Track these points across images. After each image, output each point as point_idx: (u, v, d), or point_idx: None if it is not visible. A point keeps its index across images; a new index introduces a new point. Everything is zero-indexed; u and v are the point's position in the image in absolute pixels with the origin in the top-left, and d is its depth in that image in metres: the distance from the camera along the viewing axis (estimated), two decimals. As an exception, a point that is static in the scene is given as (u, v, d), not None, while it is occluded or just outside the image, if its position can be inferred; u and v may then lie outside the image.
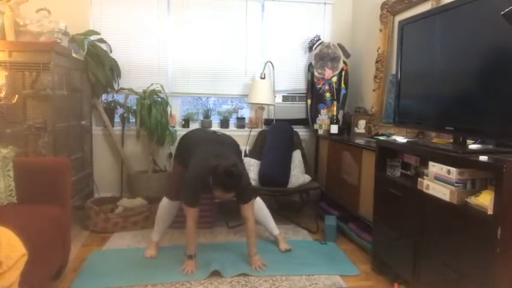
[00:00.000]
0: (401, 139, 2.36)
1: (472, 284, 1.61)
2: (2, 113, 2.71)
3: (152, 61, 3.78)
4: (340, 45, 3.73)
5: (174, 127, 3.77)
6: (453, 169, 1.71)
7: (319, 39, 3.82)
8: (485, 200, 1.57)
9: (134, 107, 3.52)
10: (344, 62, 3.73)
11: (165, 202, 2.68)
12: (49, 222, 2.04)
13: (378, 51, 3.37)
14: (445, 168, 1.76)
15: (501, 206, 1.48)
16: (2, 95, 2.68)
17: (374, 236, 2.47)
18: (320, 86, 3.75)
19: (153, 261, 2.56)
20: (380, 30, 3.37)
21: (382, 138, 2.62)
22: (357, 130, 3.50)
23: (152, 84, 3.61)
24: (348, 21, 4.08)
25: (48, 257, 1.98)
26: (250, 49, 3.92)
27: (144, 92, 3.51)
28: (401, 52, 2.39)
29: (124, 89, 3.63)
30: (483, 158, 1.61)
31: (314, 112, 3.80)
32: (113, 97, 3.75)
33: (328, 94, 3.73)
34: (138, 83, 3.67)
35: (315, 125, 3.77)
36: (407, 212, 2.09)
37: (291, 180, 3.35)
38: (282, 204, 3.86)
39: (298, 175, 3.41)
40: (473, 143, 1.99)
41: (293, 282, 2.32)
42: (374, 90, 3.41)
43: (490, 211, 1.53)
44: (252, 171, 3.43)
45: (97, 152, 3.76)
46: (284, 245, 2.77)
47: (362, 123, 3.48)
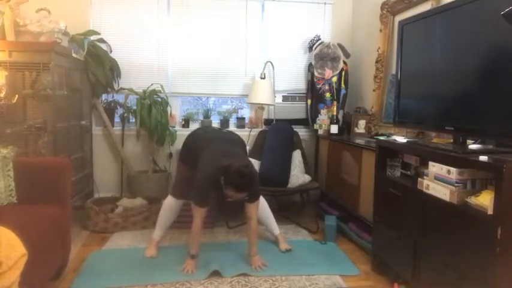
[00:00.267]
0: (401, 139, 2.36)
1: (472, 284, 1.61)
2: (2, 113, 2.71)
3: (152, 61, 3.78)
4: (340, 45, 3.73)
5: (174, 127, 3.77)
6: (453, 169, 1.71)
7: (319, 39, 3.82)
8: (485, 200, 1.57)
9: (134, 107, 3.52)
10: (344, 62, 3.73)
11: (170, 200, 2.67)
12: (49, 222, 2.04)
13: (378, 51, 3.37)
14: (445, 168, 1.76)
15: (501, 206, 1.48)
16: (2, 95, 2.68)
17: (374, 236, 2.47)
18: (320, 86, 3.75)
19: (153, 261, 2.56)
20: (380, 30, 3.37)
21: (382, 138, 2.62)
22: (357, 130, 3.50)
23: (152, 84, 3.61)
24: (348, 21, 4.08)
25: (48, 257, 1.98)
26: (250, 49, 3.92)
27: (144, 92, 3.51)
28: (401, 52, 2.39)
29: (124, 89, 3.63)
30: (483, 158, 1.61)
31: (314, 112, 3.80)
32: (113, 97, 3.75)
33: (328, 94, 3.73)
34: (138, 83, 3.67)
35: (315, 125, 3.77)
36: (407, 212, 2.09)
37: (291, 180, 3.35)
38: (282, 204, 3.86)
39: (298, 175, 3.41)
40: (473, 143, 1.99)
41: (293, 282, 2.32)
42: (374, 90, 3.41)
43: (490, 211, 1.53)
44: (252, 171, 3.43)
45: (97, 152, 3.76)
46: (284, 245, 2.77)
47: (362, 123, 3.48)
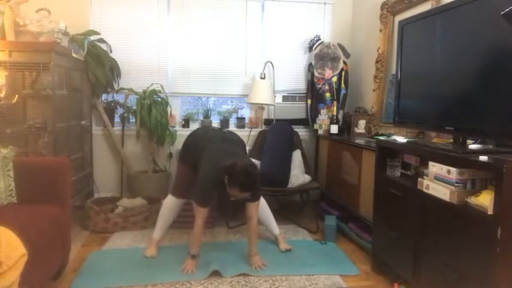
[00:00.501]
0: (401, 139, 2.36)
1: (472, 284, 1.61)
2: (2, 113, 2.71)
3: (152, 61, 3.78)
4: (340, 45, 3.73)
5: (174, 127, 3.77)
6: (453, 169, 1.71)
7: (319, 39, 3.82)
8: (485, 200, 1.57)
9: (134, 107, 3.52)
10: (344, 62, 3.73)
11: (170, 200, 2.67)
12: (49, 222, 2.04)
13: (378, 51, 3.37)
14: (445, 168, 1.76)
15: (501, 206, 1.48)
16: (2, 95, 2.68)
17: (374, 236, 2.47)
18: (320, 86, 3.75)
19: (153, 261, 2.56)
20: (380, 30, 3.37)
21: (382, 138, 2.62)
22: (357, 130, 3.50)
23: (152, 84, 3.61)
24: (348, 21, 4.08)
25: (48, 257, 1.98)
26: (250, 49, 3.92)
27: (144, 92, 3.51)
28: (401, 52, 2.39)
29: (124, 89, 3.63)
30: (483, 158, 1.61)
31: (314, 112, 3.80)
32: (113, 97, 3.75)
33: (328, 94, 3.73)
34: (138, 83, 3.67)
35: (315, 125, 3.77)
36: (407, 212, 2.09)
37: (291, 180, 3.35)
38: (282, 204, 3.86)
39: (298, 175, 3.41)
40: (473, 143, 1.99)
41: (293, 282, 2.32)
42: (374, 90, 3.41)
43: (490, 211, 1.53)
44: (252, 171, 3.43)
45: (97, 152, 3.76)
46: (284, 245, 2.77)
47: (362, 123, 3.48)
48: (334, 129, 3.56)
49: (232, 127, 3.97)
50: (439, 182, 1.81)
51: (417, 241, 1.99)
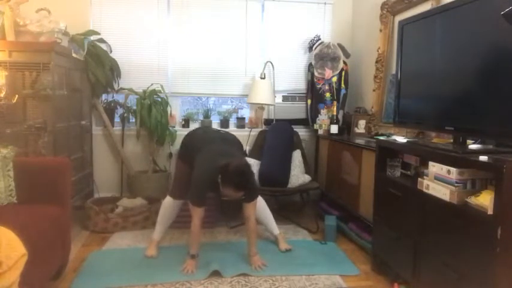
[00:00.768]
0: (401, 139, 2.36)
1: (472, 284, 1.61)
2: (2, 113, 2.71)
3: (152, 61, 3.78)
4: (340, 45, 3.73)
5: (174, 127, 3.77)
6: (453, 169, 1.71)
7: (319, 39, 3.82)
8: (485, 200, 1.57)
9: (134, 107, 3.52)
10: (344, 62, 3.73)
11: (168, 200, 2.67)
12: (49, 222, 2.04)
13: (378, 51, 3.37)
14: (445, 168, 1.76)
15: (501, 206, 1.48)
16: (2, 95, 2.68)
17: (374, 236, 2.47)
18: (320, 86, 3.75)
19: (153, 261, 2.56)
20: (380, 30, 3.37)
21: (382, 138, 2.62)
22: (357, 130, 3.50)
23: (152, 84, 3.61)
24: (348, 21, 4.08)
25: (48, 257, 1.98)
26: (250, 49, 3.92)
27: (144, 92, 3.51)
28: (401, 52, 2.39)
29: (124, 89, 3.63)
30: (483, 158, 1.61)
31: (314, 112, 3.80)
32: (113, 97, 3.75)
33: (328, 94, 3.73)
34: (138, 83, 3.67)
35: (315, 125, 3.77)
36: (407, 212, 2.09)
37: (291, 180, 3.35)
38: (282, 204, 3.86)
39: (298, 175, 3.41)
40: (473, 143, 1.99)
41: (293, 282, 2.32)
42: (374, 90, 3.41)
43: (490, 211, 1.53)
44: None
45: (97, 152, 3.76)
46: (284, 245, 2.77)
47: (362, 123, 3.48)
48: (334, 129, 3.56)
49: (232, 127, 3.97)
50: (439, 182, 1.81)
51: (417, 241, 1.99)
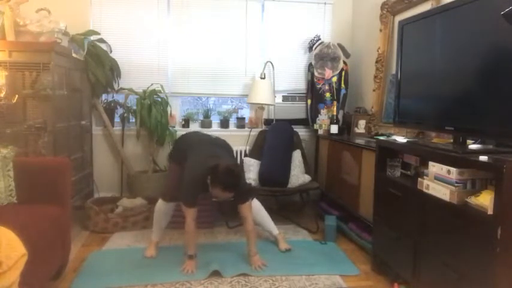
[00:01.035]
0: (401, 139, 2.36)
1: (472, 284, 1.61)
2: (2, 113, 2.71)
3: (152, 61, 3.78)
4: (340, 45, 3.73)
5: (174, 127, 3.77)
6: (453, 169, 1.71)
7: (319, 39, 3.82)
8: (485, 200, 1.57)
9: (134, 107, 3.52)
10: (344, 62, 3.73)
11: (160, 204, 2.68)
12: (49, 222, 2.04)
13: (378, 51, 3.37)
14: (445, 168, 1.76)
15: (501, 206, 1.48)
16: (2, 95, 2.68)
17: (374, 236, 2.47)
18: (320, 86, 3.75)
19: (153, 261, 2.56)
20: (380, 30, 3.37)
21: (382, 138, 2.62)
22: (357, 130, 3.49)
23: (152, 84, 3.61)
24: (348, 21, 4.08)
25: (48, 257, 1.98)
26: (250, 49, 3.92)
27: (144, 92, 3.51)
28: (401, 52, 2.39)
29: (124, 89, 3.63)
30: (483, 158, 1.61)
31: (314, 112, 3.80)
32: (113, 97, 3.75)
33: (328, 94, 3.73)
34: (138, 83, 3.67)
35: (315, 125, 3.77)
36: (407, 212, 2.09)
37: (291, 180, 3.35)
38: (282, 204, 3.86)
39: (298, 175, 3.41)
40: (473, 143, 1.99)
41: (293, 282, 2.32)
42: (374, 90, 3.41)
43: (490, 211, 1.53)
44: (252, 171, 3.43)
45: (97, 152, 3.76)
46: (284, 245, 2.77)
47: (362, 123, 3.48)
48: (334, 129, 3.56)
49: (232, 127, 3.97)
50: (439, 182, 1.81)
51: (417, 241, 1.99)
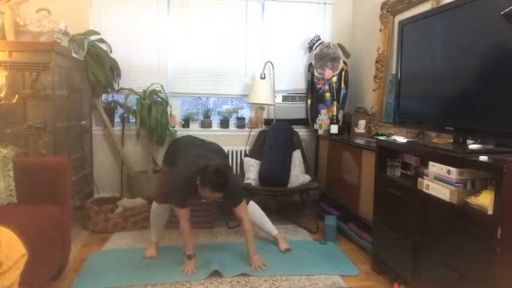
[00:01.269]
0: (401, 139, 2.36)
1: (472, 284, 1.61)
2: (2, 113, 2.71)
3: (152, 61, 3.77)
4: (340, 45, 3.73)
5: (174, 127, 3.77)
6: (453, 169, 1.71)
7: (319, 39, 3.82)
8: (485, 200, 1.57)
9: (134, 107, 3.52)
10: (344, 62, 3.73)
11: (155, 206, 2.69)
12: (49, 222, 2.04)
13: (378, 51, 3.37)
14: (445, 168, 1.76)
15: (501, 206, 1.48)
16: (2, 95, 2.68)
17: (374, 236, 2.47)
18: (320, 86, 3.75)
19: (153, 261, 2.57)
20: (380, 30, 3.37)
21: (382, 138, 2.62)
22: (357, 130, 3.49)
23: (152, 84, 3.61)
24: (348, 21, 4.08)
25: (48, 257, 1.98)
26: (250, 49, 3.92)
27: (144, 92, 3.51)
28: (401, 52, 2.39)
29: (124, 89, 3.63)
30: (483, 158, 1.61)
31: (314, 112, 3.80)
32: (113, 97, 3.75)
33: (328, 94, 3.73)
34: (138, 83, 3.67)
35: (315, 125, 3.77)
36: (407, 212, 2.09)
37: (291, 180, 3.35)
38: (282, 204, 3.86)
39: (298, 175, 3.41)
40: (473, 143, 1.99)
41: (293, 282, 2.32)
42: (374, 90, 3.41)
43: (490, 211, 1.53)
44: (252, 171, 3.43)
45: (97, 152, 3.76)
46: (284, 245, 2.77)
47: (362, 123, 3.48)
48: (334, 129, 3.55)
49: (232, 127, 3.97)
50: (439, 182, 1.81)
51: (417, 241, 1.99)
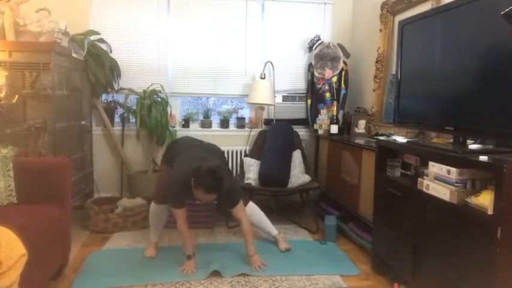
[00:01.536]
0: (401, 139, 2.36)
1: (472, 284, 1.61)
2: (2, 113, 2.71)
3: (152, 61, 3.78)
4: (340, 45, 3.73)
5: (174, 127, 3.77)
6: (453, 169, 1.71)
7: (319, 39, 3.82)
8: (485, 200, 1.57)
9: (134, 107, 3.52)
10: (344, 62, 3.73)
11: (154, 207, 2.68)
12: (49, 222, 2.04)
13: (378, 51, 3.37)
14: (445, 168, 1.76)
15: (501, 206, 1.48)
16: (2, 95, 2.68)
17: (374, 236, 2.47)
18: (320, 86, 3.75)
19: (153, 261, 2.57)
20: (380, 30, 3.37)
21: (382, 138, 2.62)
22: (357, 130, 3.49)
23: (152, 84, 3.61)
24: (348, 21, 4.08)
25: (48, 257, 1.98)
26: (250, 49, 3.92)
27: (144, 92, 3.51)
28: (401, 52, 2.39)
29: (124, 89, 3.63)
30: (483, 158, 1.61)
31: (314, 112, 3.80)
32: (113, 97, 3.75)
33: (328, 94, 3.73)
34: (138, 83, 3.67)
35: (315, 125, 3.77)
36: (407, 212, 2.09)
37: (291, 180, 3.35)
38: (282, 204, 3.86)
39: (298, 175, 3.41)
40: (473, 143, 1.99)
41: (293, 282, 2.32)
42: (374, 90, 3.41)
43: (490, 211, 1.53)
44: (252, 171, 3.43)
45: (97, 152, 3.76)
46: (284, 245, 2.77)
47: (362, 123, 3.48)
48: (334, 129, 3.55)
49: (232, 127, 3.97)
50: (439, 182, 1.81)
51: (417, 241, 1.99)
